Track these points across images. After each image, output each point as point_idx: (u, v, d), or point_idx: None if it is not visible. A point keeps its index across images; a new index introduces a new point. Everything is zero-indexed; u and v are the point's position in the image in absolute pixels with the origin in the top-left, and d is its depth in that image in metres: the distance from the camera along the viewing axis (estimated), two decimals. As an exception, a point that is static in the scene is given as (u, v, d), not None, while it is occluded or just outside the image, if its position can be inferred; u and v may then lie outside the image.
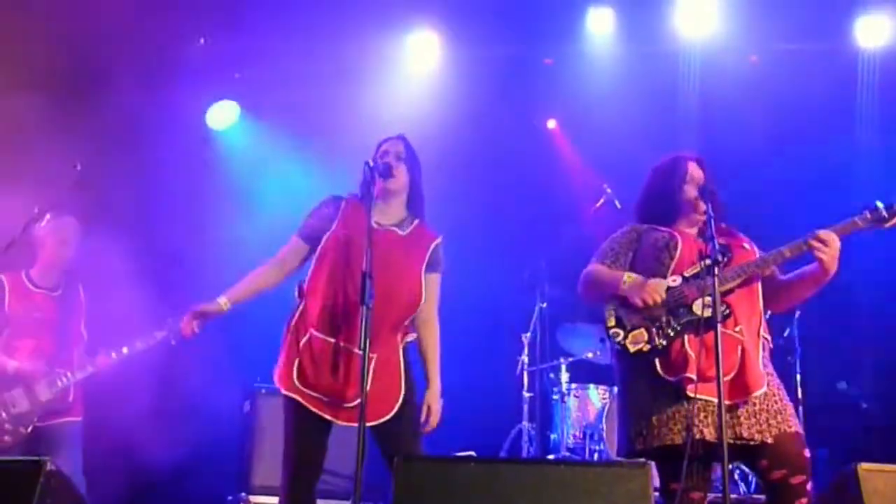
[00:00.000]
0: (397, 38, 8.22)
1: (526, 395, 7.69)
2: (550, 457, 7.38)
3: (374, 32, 7.92)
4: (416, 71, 8.38)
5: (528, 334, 7.74)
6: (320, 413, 4.19)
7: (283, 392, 4.25)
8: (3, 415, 5.45)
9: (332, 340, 4.22)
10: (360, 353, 3.97)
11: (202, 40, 7.99)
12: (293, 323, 4.35)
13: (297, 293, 4.42)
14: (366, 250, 4.04)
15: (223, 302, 4.45)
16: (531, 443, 7.52)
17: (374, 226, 4.29)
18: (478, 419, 7.53)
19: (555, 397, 7.71)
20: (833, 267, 4.11)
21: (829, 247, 4.07)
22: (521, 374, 7.74)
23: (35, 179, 5.89)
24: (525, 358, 7.75)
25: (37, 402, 5.50)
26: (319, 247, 4.39)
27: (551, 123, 9.02)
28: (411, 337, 4.47)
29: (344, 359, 4.19)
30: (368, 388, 4.00)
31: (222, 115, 8.30)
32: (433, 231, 4.57)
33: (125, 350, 5.67)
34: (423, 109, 8.11)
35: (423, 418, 4.35)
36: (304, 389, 4.20)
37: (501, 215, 8.37)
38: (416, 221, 4.55)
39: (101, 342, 5.75)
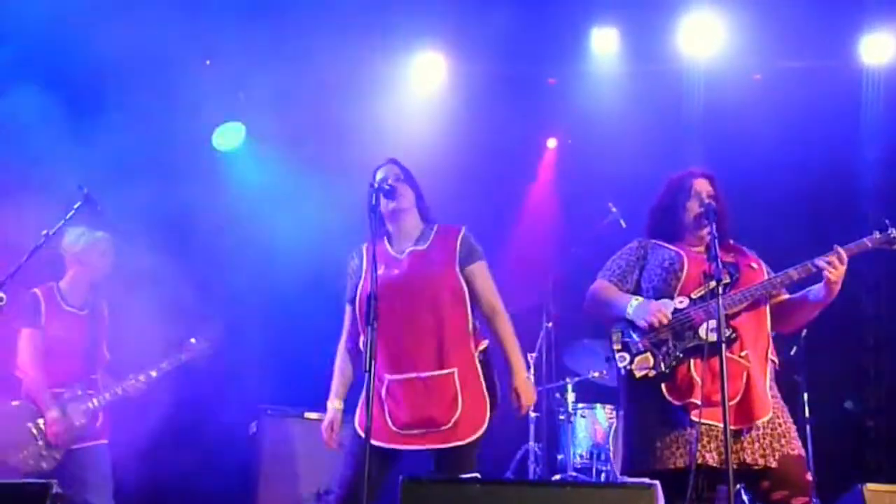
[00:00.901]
0: (403, 59, 8.25)
1: (532, 414, 7.63)
2: (557, 477, 7.36)
3: (379, 53, 7.95)
4: (421, 91, 8.41)
5: (534, 354, 7.71)
6: (428, 446, 4.21)
7: (389, 447, 4.23)
8: (40, 442, 5.40)
9: (411, 375, 4.25)
10: (439, 372, 4.16)
11: (208, 62, 8.02)
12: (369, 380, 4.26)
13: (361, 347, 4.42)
14: (371, 270, 4.06)
15: (337, 404, 4.52)
16: (538, 463, 7.49)
17: (395, 255, 4.36)
18: (484, 439, 7.50)
19: (561, 417, 7.68)
20: (837, 288, 4.12)
21: (838, 268, 4.07)
22: (528, 393, 7.70)
23: (42, 195, 5.93)
24: (531, 378, 7.72)
25: (71, 426, 5.42)
26: (356, 301, 4.42)
27: (551, 143, 9.03)
28: (485, 343, 4.45)
29: (428, 387, 4.22)
30: (461, 405, 4.16)
31: (228, 137, 8.31)
32: (454, 227, 4.56)
33: (153, 373, 5.67)
34: (428, 129, 8.13)
35: (514, 403, 4.35)
36: (410, 432, 4.21)
37: (507, 235, 8.37)
38: (435, 227, 4.54)
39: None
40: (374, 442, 4.02)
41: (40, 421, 5.40)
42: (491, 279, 4.49)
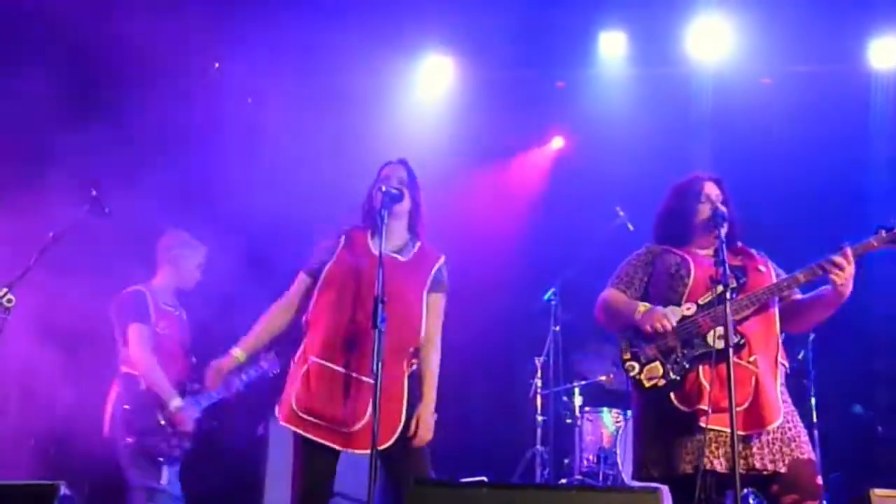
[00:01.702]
0: (411, 62, 8.26)
1: (539, 418, 7.65)
2: (563, 481, 7.35)
3: (387, 56, 7.95)
4: (429, 94, 8.42)
5: (542, 358, 7.72)
6: (323, 441, 4.20)
7: (282, 423, 4.26)
8: (169, 430, 5.54)
9: (336, 367, 4.23)
10: (366, 379, 4.10)
11: (216, 65, 8.04)
12: (297, 355, 4.38)
13: (304, 326, 4.44)
14: (378, 275, 4.05)
15: (238, 354, 4.49)
16: (545, 466, 7.49)
17: (374, 252, 4.30)
18: (491, 442, 7.52)
19: (568, 421, 7.68)
20: (847, 290, 4.10)
21: (844, 270, 4.06)
22: (535, 397, 7.71)
23: (49, 196, 5.95)
24: (538, 381, 7.72)
25: (193, 417, 5.61)
26: (320, 278, 4.40)
27: (558, 142, 9.02)
28: (416, 366, 4.44)
29: (347, 385, 4.20)
30: (366, 418, 4.10)
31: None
32: (436, 252, 4.56)
33: (244, 377, 5.81)
34: (436, 132, 8.14)
35: (411, 431, 4.27)
36: (307, 418, 4.20)
37: (514, 239, 8.36)
38: (417, 244, 4.55)
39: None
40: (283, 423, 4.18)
41: (168, 409, 5.51)
42: (442, 315, 4.51)
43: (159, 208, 6.51)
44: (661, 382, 4.13)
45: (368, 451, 4.01)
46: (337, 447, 4.21)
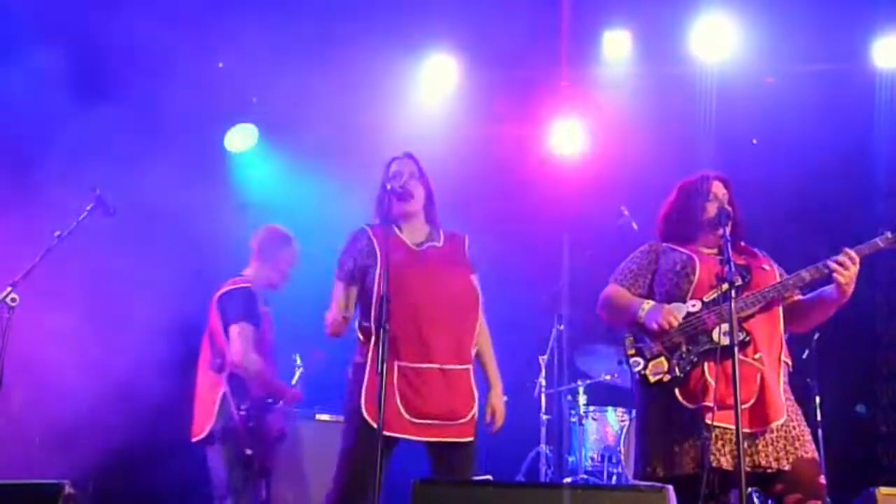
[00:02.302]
0: (414, 61, 8.25)
1: (544, 417, 7.66)
2: (568, 480, 7.35)
3: (391, 55, 7.94)
4: (433, 94, 8.41)
5: (546, 356, 7.72)
6: (435, 438, 4.22)
7: (391, 434, 4.14)
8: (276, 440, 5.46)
9: (425, 365, 4.24)
10: (457, 367, 4.24)
11: (220, 64, 8.04)
12: (369, 362, 4.27)
13: (360, 334, 4.40)
14: (383, 273, 4.05)
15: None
16: (549, 466, 7.49)
17: (414, 247, 4.37)
18: (495, 442, 7.50)
19: (573, 420, 7.68)
20: (850, 290, 4.12)
21: (849, 269, 4.07)
22: (539, 396, 7.71)
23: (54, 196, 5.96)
24: (543, 380, 7.72)
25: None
26: (368, 281, 4.35)
27: (562, 142, 8.99)
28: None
29: (443, 378, 4.24)
30: (476, 405, 4.27)
31: (241, 139, 8.33)
32: (458, 233, 4.62)
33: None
34: (440, 132, 8.13)
35: (487, 419, 4.40)
36: (422, 421, 4.20)
37: (518, 238, 8.36)
38: (440, 231, 4.58)
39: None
40: (386, 432, 3.97)
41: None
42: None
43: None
44: (667, 378, 4.13)
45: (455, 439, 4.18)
46: (452, 439, 4.23)
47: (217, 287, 5.52)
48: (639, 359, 4.22)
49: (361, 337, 4.39)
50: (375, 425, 3.90)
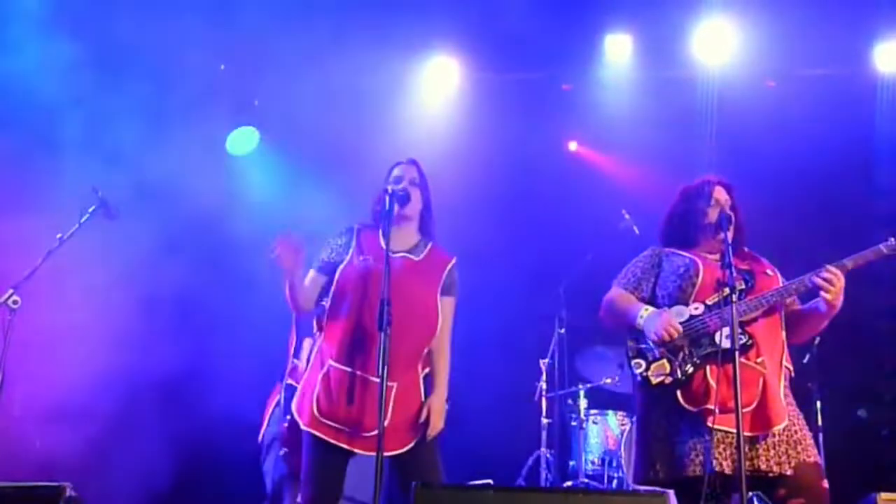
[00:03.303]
0: (417, 64, 8.26)
1: (544, 421, 7.65)
2: (568, 483, 7.35)
3: (393, 58, 7.95)
4: (435, 96, 8.41)
5: (547, 360, 7.72)
6: (338, 443, 4.19)
7: (303, 427, 4.25)
8: None
9: (351, 370, 4.23)
10: (359, 375, 4.14)
11: (222, 66, 8.04)
12: (312, 355, 4.39)
13: (315, 326, 4.44)
14: (384, 277, 4.05)
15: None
16: (549, 469, 7.49)
17: (389, 254, 4.27)
18: (496, 445, 7.51)
19: (573, 423, 7.69)
20: (838, 303, 4.14)
21: (834, 285, 4.08)
22: (540, 400, 7.71)
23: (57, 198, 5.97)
24: (543, 384, 7.72)
25: None
26: (336, 277, 4.39)
27: (573, 146, 9.02)
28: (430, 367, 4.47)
29: (362, 388, 4.19)
30: (389, 418, 4.07)
31: (242, 141, 8.33)
32: (447, 253, 4.58)
33: None
34: (441, 134, 8.14)
35: (422, 418, 4.30)
36: (324, 420, 4.20)
37: (520, 241, 8.36)
38: (429, 245, 4.55)
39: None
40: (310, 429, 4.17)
41: None
42: (452, 318, 4.52)
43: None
44: (669, 380, 4.13)
45: (391, 454, 4.09)
46: (356, 451, 4.21)
47: None
48: (640, 361, 4.21)
49: (315, 329, 4.45)
50: (304, 427, 4.22)
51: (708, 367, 4.07)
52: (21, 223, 5.89)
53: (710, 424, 3.96)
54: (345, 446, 4.19)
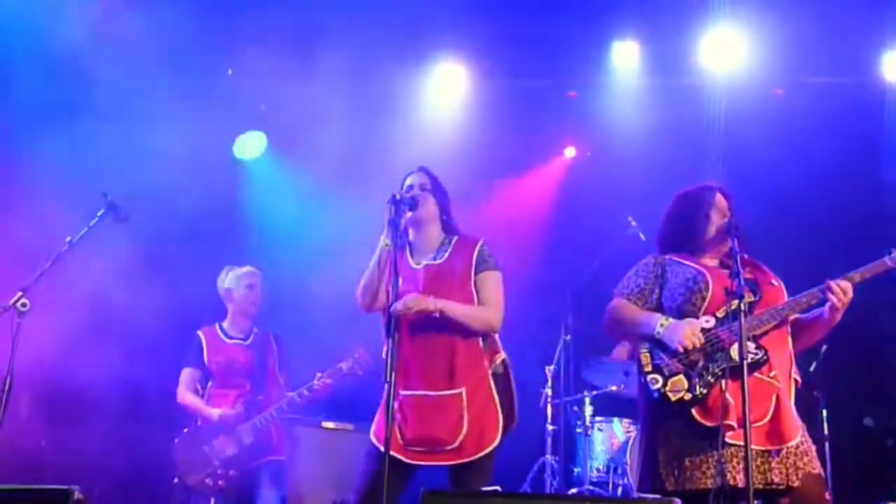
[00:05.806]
0: (424, 71, 8.28)
1: (550, 427, 7.64)
2: (573, 491, 7.34)
3: (400, 64, 7.97)
4: (442, 103, 8.43)
5: (552, 367, 7.70)
6: (431, 464, 4.24)
7: (397, 455, 4.20)
8: (216, 462, 5.85)
9: (419, 392, 4.28)
10: (447, 392, 4.20)
11: (229, 71, 8.06)
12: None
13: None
14: (392, 285, 4.07)
15: None
16: (554, 476, 7.48)
17: (413, 267, 4.35)
18: (501, 452, 7.48)
19: (578, 430, 7.68)
20: (839, 315, 4.11)
21: (847, 295, 4.06)
22: (545, 406, 7.70)
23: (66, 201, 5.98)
24: (549, 390, 7.70)
25: (242, 446, 5.86)
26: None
27: (570, 152, 9.02)
28: (500, 357, 4.44)
29: (436, 405, 4.24)
30: (466, 426, 4.17)
31: (250, 146, 8.35)
32: (473, 238, 4.55)
33: (315, 384, 5.93)
34: (448, 141, 8.14)
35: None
36: (416, 448, 4.24)
37: (526, 247, 8.36)
38: (454, 239, 4.54)
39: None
40: (392, 453, 4.01)
41: (215, 442, 5.87)
42: (500, 289, 4.46)
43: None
44: (688, 396, 4.04)
45: (476, 457, 4.19)
46: (447, 464, 4.25)
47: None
48: (657, 376, 4.11)
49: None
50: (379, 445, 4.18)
51: (723, 382, 4.00)
52: (27, 228, 5.92)
53: (728, 440, 3.92)
54: (432, 463, 4.25)
